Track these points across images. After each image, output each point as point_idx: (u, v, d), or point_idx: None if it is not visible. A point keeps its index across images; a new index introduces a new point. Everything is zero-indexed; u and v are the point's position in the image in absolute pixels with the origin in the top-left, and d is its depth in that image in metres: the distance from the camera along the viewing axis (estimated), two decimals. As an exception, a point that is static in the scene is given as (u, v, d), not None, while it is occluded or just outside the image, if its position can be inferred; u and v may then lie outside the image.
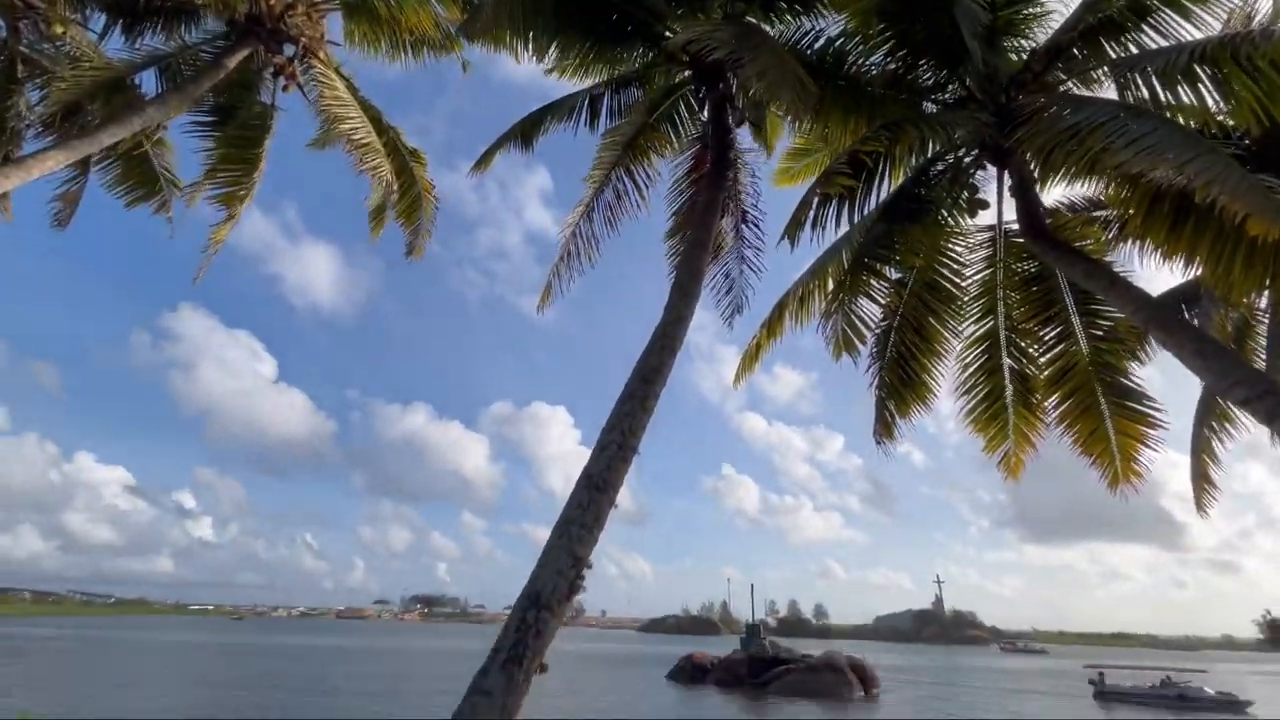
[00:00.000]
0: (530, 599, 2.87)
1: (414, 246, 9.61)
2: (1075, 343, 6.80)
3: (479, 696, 2.55)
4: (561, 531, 3.11)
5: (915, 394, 7.30)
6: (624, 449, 3.43)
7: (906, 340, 7.36)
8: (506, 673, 2.61)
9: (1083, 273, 4.97)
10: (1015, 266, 7.04)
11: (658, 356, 3.95)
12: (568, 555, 3.02)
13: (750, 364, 8.06)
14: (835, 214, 7.04)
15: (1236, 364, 3.84)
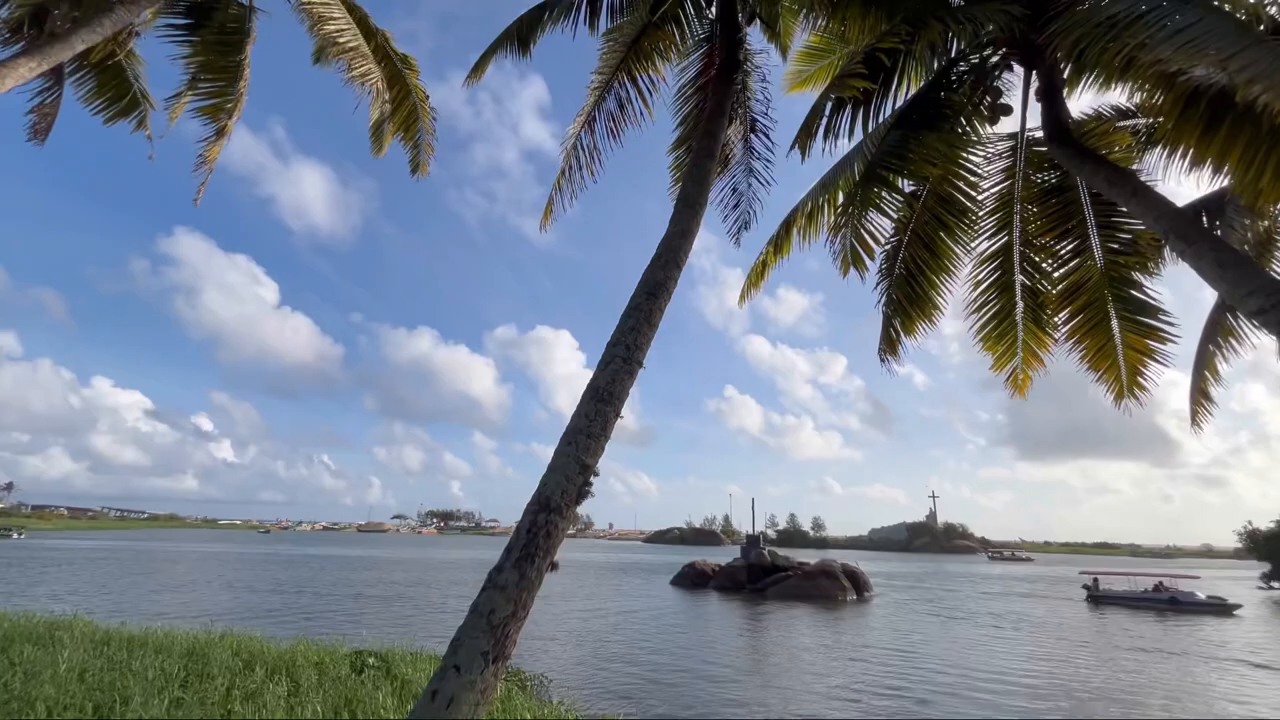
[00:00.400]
0: (540, 503, 2.97)
1: (417, 163, 9.23)
2: (1091, 257, 6.65)
3: (494, 590, 2.70)
4: (569, 440, 3.18)
5: (922, 311, 7.23)
6: (629, 362, 3.45)
7: (916, 256, 7.21)
8: (519, 569, 2.75)
9: (1105, 181, 4.77)
10: (1034, 177, 6.77)
11: (663, 270, 3.88)
12: (575, 463, 3.10)
13: (756, 282, 7.95)
14: (849, 122, 6.70)
15: (1254, 274, 3.75)
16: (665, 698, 11.87)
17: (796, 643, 19.24)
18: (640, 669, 14.58)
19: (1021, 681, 14.06)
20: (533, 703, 8.81)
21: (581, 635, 19.48)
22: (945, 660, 16.32)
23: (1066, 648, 19.49)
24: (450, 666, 2.49)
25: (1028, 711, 11.60)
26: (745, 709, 11.14)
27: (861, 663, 15.61)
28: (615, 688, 12.59)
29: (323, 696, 7.75)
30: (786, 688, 12.97)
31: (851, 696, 12.22)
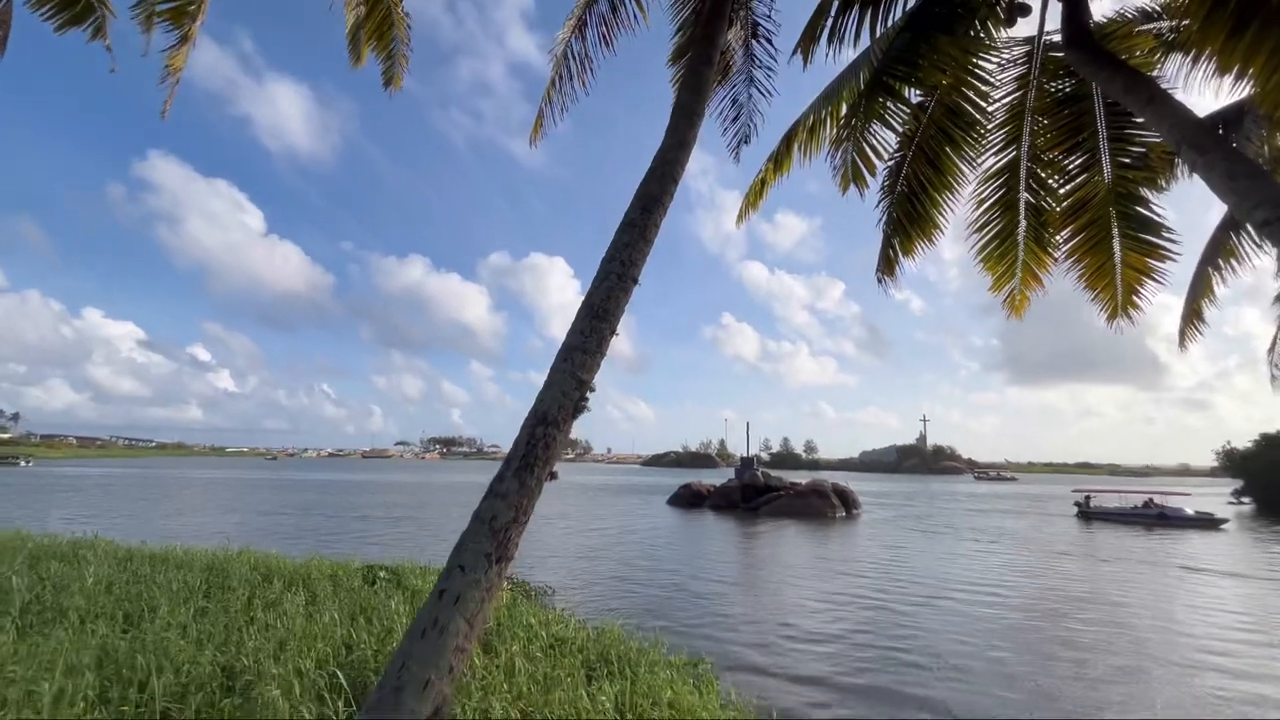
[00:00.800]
0: (538, 417, 3.03)
1: (391, 75, 8.73)
2: (1099, 172, 6.47)
3: (496, 498, 2.79)
4: (565, 357, 3.20)
5: (922, 231, 7.11)
6: (624, 279, 3.41)
7: (919, 173, 7.01)
8: (519, 478, 2.83)
9: (1122, 87, 4.56)
10: (1048, 86, 6.47)
11: (658, 184, 3.77)
12: (571, 378, 3.13)
13: (754, 202, 7.76)
14: (855, 26, 6.32)
15: (1264, 185, 3.66)
16: (659, 607, 12.61)
17: (786, 557, 20.27)
18: (636, 582, 15.40)
19: (994, 590, 14.93)
20: (537, 609, 9.37)
21: (582, 551, 20.46)
22: (926, 571, 17.27)
23: (1044, 558, 20.57)
24: (456, 566, 2.62)
25: (996, 617, 12.38)
26: (734, 618, 11.86)
27: (846, 575, 16.51)
28: (613, 598, 13.35)
29: (339, 605, 8.21)
30: (773, 598, 13.78)
31: (833, 605, 13.00)
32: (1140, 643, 10.61)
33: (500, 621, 7.95)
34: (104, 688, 5.30)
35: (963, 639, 10.40)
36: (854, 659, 9.26)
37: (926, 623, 11.35)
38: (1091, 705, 7.87)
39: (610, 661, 6.80)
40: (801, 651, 9.57)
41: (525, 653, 6.78)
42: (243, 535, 20.92)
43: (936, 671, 8.54)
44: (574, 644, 7.37)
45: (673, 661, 7.37)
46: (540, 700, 5.41)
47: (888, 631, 10.67)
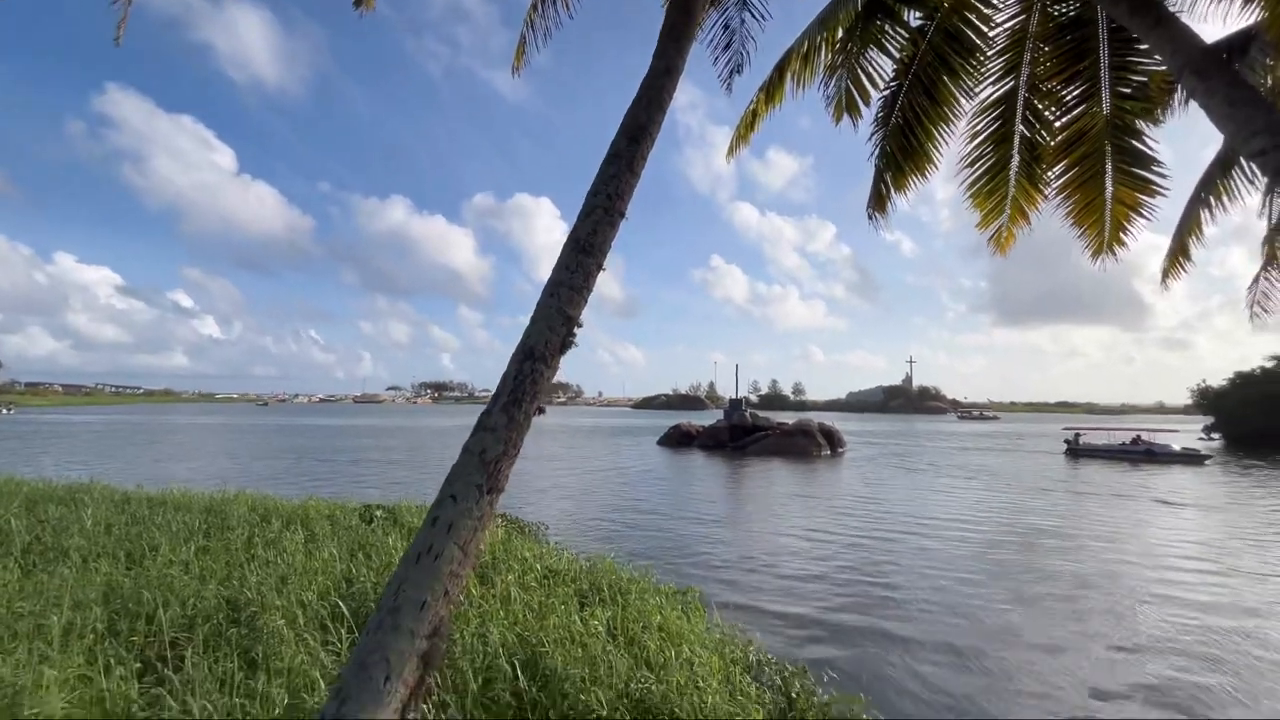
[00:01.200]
0: (525, 352, 3.03)
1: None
2: (1098, 103, 6.32)
3: (485, 432, 2.83)
4: (551, 292, 3.18)
5: (915, 165, 6.98)
6: (610, 212, 3.34)
7: (915, 103, 6.81)
8: (508, 412, 2.86)
9: (1127, 9, 4.39)
10: (1052, 9, 6.22)
11: (645, 112, 3.63)
12: (558, 314, 3.12)
13: (745, 135, 7.54)
14: (855, -59, 5.97)
15: (1265, 113, 3.60)
16: (648, 544, 13.06)
17: (771, 494, 20.93)
18: (626, 520, 15.89)
19: (969, 523, 15.56)
20: (531, 544, 9.68)
21: (573, 491, 20.97)
22: (905, 507, 17.90)
23: (1021, 494, 21.36)
24: (448, 496, 2.68)
25: (967, 545, 12.97)
26: (718, 555, 12.33)
27: (828, 512, 17.11)
28: (604, 535, 13.80)
29: (337, 542, 8.43)
30: (757, 535, 14.30)
31: (815, 541, 13.52)
32: (1100, 571, 11.19)
33: (495, 555, 8.21)
34: (112, 620, 5.48)
35: (935, 571, 10.91)
36: (833, 593, 9.70)
37: (903, 557, 11.86)
38: (1043, 634, 8.35)
39: (602, 590, 7.09)
40: (782, 587, 10.02)
41: (520, 583, 7.04)
42: (238, 479, 21.19)
43: (908, 606, 9.00)
44: (567, 575, 7.65)
45: (661, 589, 7.70)
46: (536, 625, 5.67)
47: (865, 566, 11.15)
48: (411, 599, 2.44)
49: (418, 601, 2.44)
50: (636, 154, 3.55)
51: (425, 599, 2.45)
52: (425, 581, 2.48)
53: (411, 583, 2.48)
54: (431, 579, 2.49)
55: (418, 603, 2.44)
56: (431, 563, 2.52)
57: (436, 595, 2.49)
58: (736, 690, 5.09)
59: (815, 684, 5.80)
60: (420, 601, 2.44)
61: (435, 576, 2.50)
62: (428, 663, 2.41)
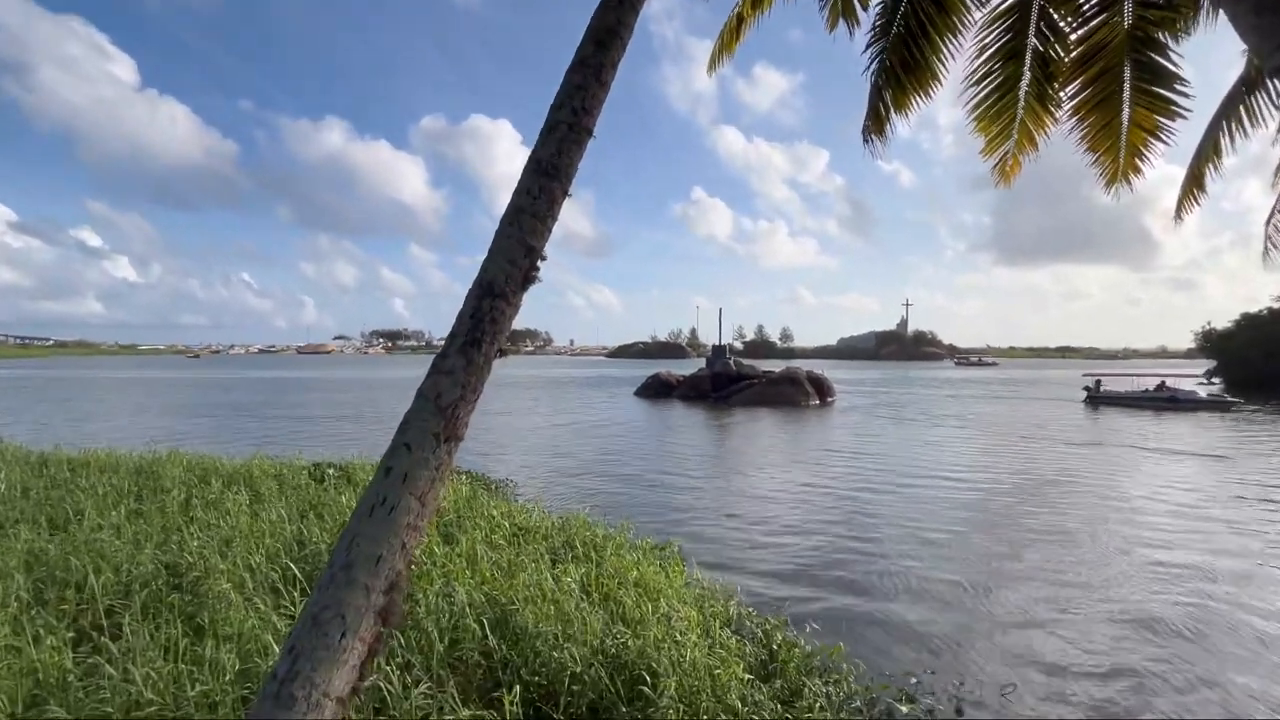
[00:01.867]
0: (484, 288, 2.99)
1: None
2: (1118, 13, 6.24)
3: (441, 375, 2.81)
4: (511, 220, 3.11)
5: (917, 81, 6.87)
6: (576, 129, 3.24)
7: (920, 10, 6.65)
8: (465, 354, 2.84)
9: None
10: (1073, -98, 6.03)
11: (614, 12, 3.48)
12: (519, 245, 3.06)
13: (729, 43, 7.31)
14: None
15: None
16: (624, 500, 13.38)
17: (754, 445, 21.44)
18: (601, 475, 16.19)
19: (959, 475, 16.19)
20: (499, 501, 9.84)
21: (544, 446, 21.20)
22: (895, 459, 18.53)
23: (1015, 443, 22.22)
24: (401, 445, 2.68)
25: (959, 503, 13.55)
26: (699, 510, 12.69)
27: (815, 464, 17.64)
28: (578, 491, 14.07)
29: (286, 503, 8.45)
30: (737, 487, 14.72)
31: (796, 493, 13.98)
32: (1087, 522, 11.82)
33: (460, 513, 8.33)
34: (37, 589, 5.47)
35: (922, 526, 11.39)
36: (817, 546, 10.12)
37: (889, 510, 12.35)
38: (1021, 581, 8.89)
39: (575, 547, 7.29)
40: (764, 542, 10.41)
41: (488, 541, 7.19)
42: (170, 438, 20.90)
43: (892, 560, 9.44)
44: (538, 532, 7.83)
45: (639, 545, 7.95)
46: (505, 584, 5.83)
47: (851, 520, 11.60)
48: (366, 553, 2.47)
49: (373, 556, 2.48)
50: (605, 61, 3.42)
51: (381, 553, 2.49)
52: (380, 535, 2.52)
53: (365, 536, 2.52)
54: (387, 532, 2.52)
55: (373, 557, 2.48)
56: (386, 515, 2.55)
57: (393, 549, 2.53)
58: (716, 643, 5.34)
59: (797, 636, 6.12)
60: (375, 556, 2.48)
61: (391, 530, 2.53)
62: (385, 619, 2.47)
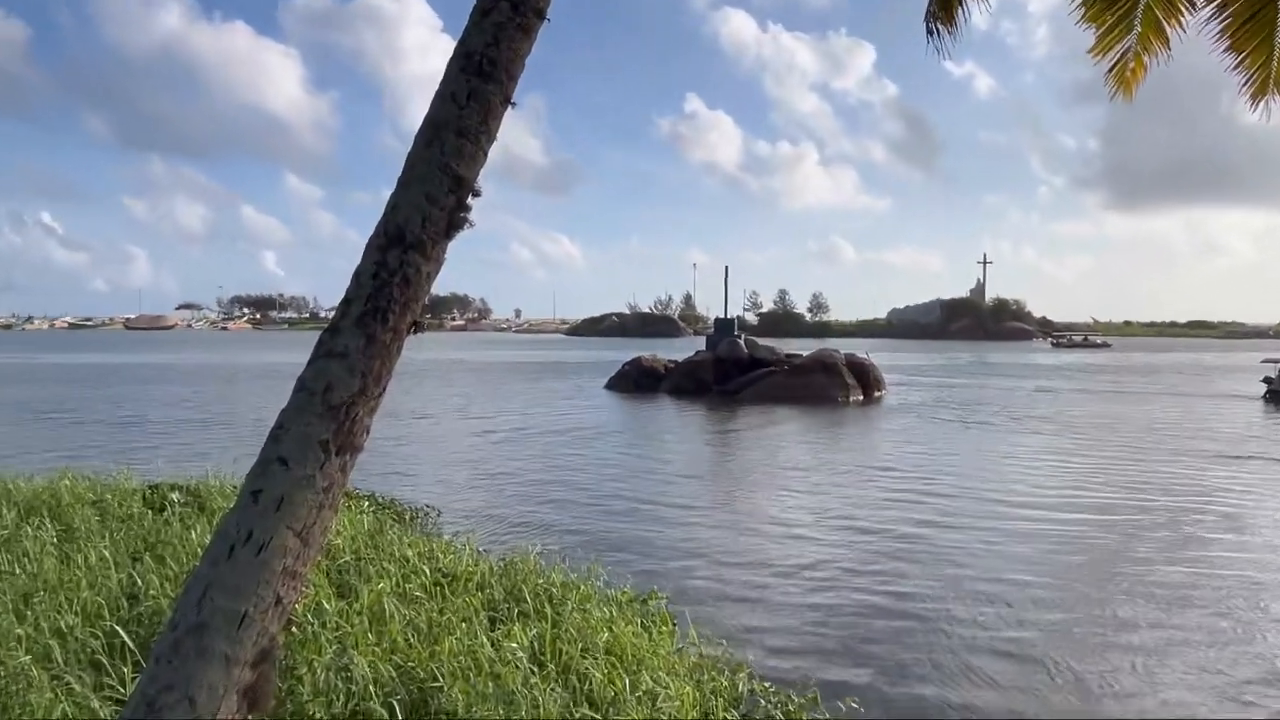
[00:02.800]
0: (390, 236, 2.95)
1: None
2: None
3: (331, 360, 2.79)
4: (430, 139, 3.07)
5: (1003, -51, 6.89)
6: (521, 10, 3.20)
7: None
8: (364, 329, 2.82)
9: None
10: None
11: None
12: (441, 174, 3.02)
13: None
14: None
15: None
16: (590, 534, 13.45)
17: (772, 459, 21.65)
18: (560, 502, 16.24)
19: (1060, 505, 16.20)
20: (415, 538, 9.83)
21: (480, 460, 21.22)
22: (967, 480, 18.53)
23: (1154, 460, 21.91)
24: (274, 460, 2.66)
25: (1046, 542, 13.77)
26: (690, 549, 12.79)
27: (853, 488, 17.77)
28: (526, 522, 14.12)
29: (111, 540, 8.37)
30: (747, 519, 14.85)
31: (825, 528, 14.01)
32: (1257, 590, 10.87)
33: (361, 554, 8.32)
34: None
35: (1003, 580, 11.11)
36: (858, 605, 9.96)
37: (957, 554, 12.04)
38: (1147, 676, 8.75)
39: (523, 600, 7.32)
40: (783, 593, 10.46)
41: (400, 592, 7.19)
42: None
43: (959, 625, 9.36)
44: (471, 580, 7.86)
45: (612, 597, 8.00)
46: (424, 652, 5.84)
47: (904, 568, 11.53)
48: (224, 610, 2.46)
49: (233, 614, 2.46)
50: (563, -85, 3.38)
51: (245, 610, 2.48)
52: (244, 585, 2.50)
53: (223, 587, 2.50)
54: (254, 581, 2.51)
55: (234, 616, 2.46)
56: (253, 557, 2.53)
57: (262, 604, 2.51)
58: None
59: (831, 718, 6.23)
60: (238, 614, 2.46)
61: (260, 577, 2.52)
62: (253, 703, 2.46)
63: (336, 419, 2.74)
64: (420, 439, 24.80)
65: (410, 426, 27.23)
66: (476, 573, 8.13)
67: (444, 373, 56.51)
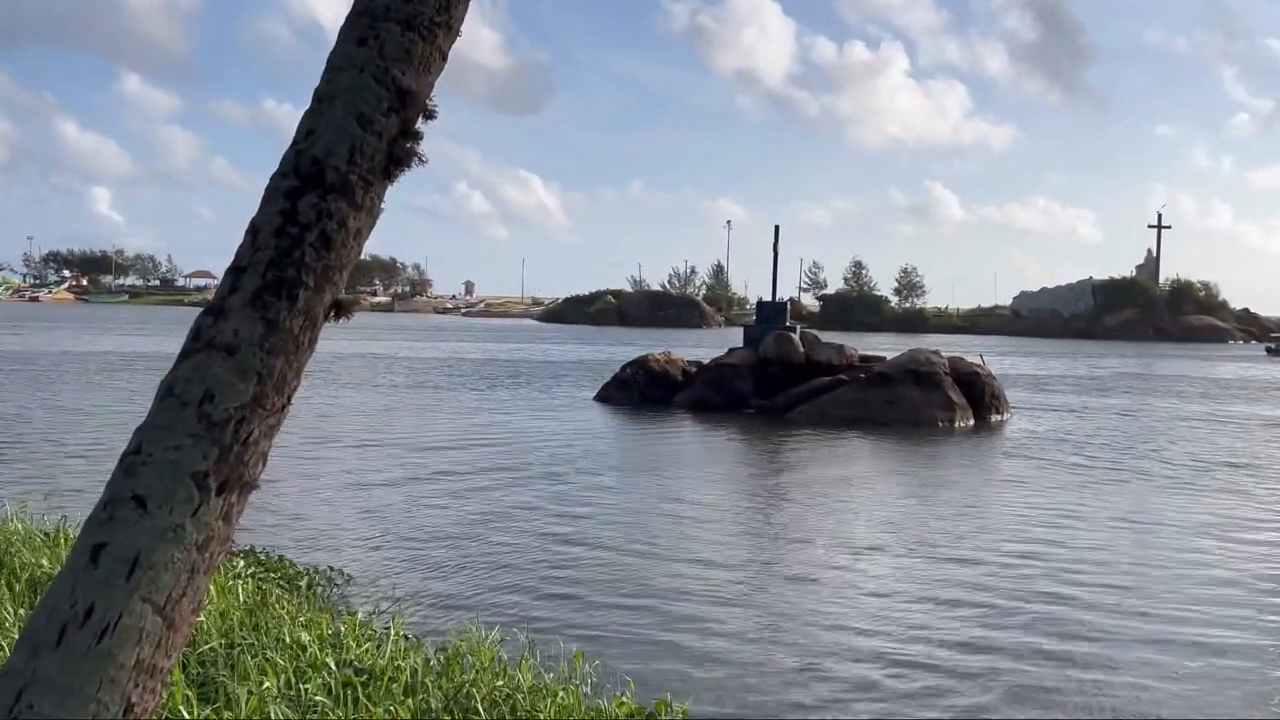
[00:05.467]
0: (304, 175, 2.95)
1: None
2: None
3: (211, 354, 2.79)
4: (362, 35, 3.08)
5: None
6: None
7: None
8: (262, 308, 2.81)
9: None
10: None
11: None
12: (379, 85, 3.03)
13: None
14: None
15: None
16: (573, 615, 13.48)
17: (835, 511, 21.57)
18: (525, 563, 16.25)
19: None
20: (316, 613, 9.85)
21: (409, 507, 21.11)
22: (1127, 559, 18.43)
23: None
24: (126, 498, 2.66)
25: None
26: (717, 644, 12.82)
27: (952, 562, 17.69)
28: (478, 593, 14.17)
29: None
30: (799, 603, 14.80)
31: (914, 623, 13.88)
32: None
33: (233, 638, 8.33)
34: None
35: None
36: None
37: (1112, 678, 12.05)
38: None
39: (474, 711, 7.33)
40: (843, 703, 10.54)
41: (292, 696, 7.19)
42: None
43: None
44: (397, 679, 7.85)
45: (605, 710, 8.01)
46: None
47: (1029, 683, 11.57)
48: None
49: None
50: None
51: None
52: (80, 686, 2.49)
53: (47, 689, 2.49)
54: (93, 680, 2.50)
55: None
56: (92, 644, 2.53)
57: (105, 714, 2.51)
58: None
59: None
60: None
61: (102, 674, 2.51)
62: None
63: (219, 442, 2.74)
64: (321, 471, 24.80)
65: (307, 451, 27.18)
66: (405, 669, 8.11)
67: (357, 373, 56.57)
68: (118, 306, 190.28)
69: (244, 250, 2.95)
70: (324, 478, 23.47)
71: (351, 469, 25.55)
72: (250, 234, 2.97)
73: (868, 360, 41.00)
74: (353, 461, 26.79)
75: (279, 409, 2.91)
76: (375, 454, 28.35)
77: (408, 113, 3.10)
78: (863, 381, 38.47)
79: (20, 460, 24.64)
